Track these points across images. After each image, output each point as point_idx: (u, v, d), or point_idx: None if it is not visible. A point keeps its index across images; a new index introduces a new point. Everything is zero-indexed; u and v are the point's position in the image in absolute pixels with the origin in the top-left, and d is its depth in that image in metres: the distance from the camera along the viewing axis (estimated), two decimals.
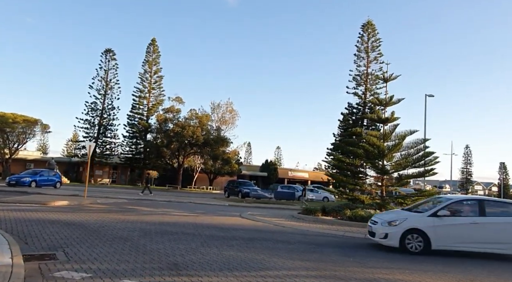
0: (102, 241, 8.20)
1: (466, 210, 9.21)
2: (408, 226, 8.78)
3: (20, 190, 23.47)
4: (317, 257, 7.92)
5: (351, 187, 18.36)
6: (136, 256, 6.92)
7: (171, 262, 6.62)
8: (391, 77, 16.96)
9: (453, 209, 9.18)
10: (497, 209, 9.32)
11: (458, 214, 9.08)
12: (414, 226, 8.76)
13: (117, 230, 9.83)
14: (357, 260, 7.88)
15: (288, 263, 7.10)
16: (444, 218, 8.79)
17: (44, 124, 44.06)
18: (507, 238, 8.55)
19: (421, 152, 15.56)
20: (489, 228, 8.67)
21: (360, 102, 45.56)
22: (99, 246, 7.64)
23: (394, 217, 9.36)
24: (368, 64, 45.13)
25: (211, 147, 47.34)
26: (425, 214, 9.11)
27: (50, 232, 9.04)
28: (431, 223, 8.75)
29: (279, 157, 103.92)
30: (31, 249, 7.15)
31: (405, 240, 8.71)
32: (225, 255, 7.48)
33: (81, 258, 6.55)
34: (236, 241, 9.31)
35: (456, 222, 8.83)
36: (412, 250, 8.68)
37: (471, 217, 8.88)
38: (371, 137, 16.30)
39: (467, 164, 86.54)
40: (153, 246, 7.94)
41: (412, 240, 8.72)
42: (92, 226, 10.31)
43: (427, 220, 8.84)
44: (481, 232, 8.61)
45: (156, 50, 53.69)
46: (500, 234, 8.60)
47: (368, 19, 45.76)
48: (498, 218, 8.94)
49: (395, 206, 15.79)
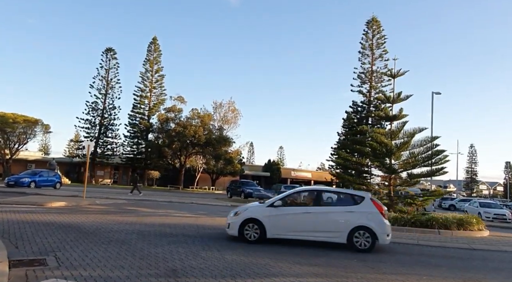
0: (97, 245, 7.75)
1: (303, 200, 9.52)
2: (247, 216, 9.01)
3: (19, 190, 23.07)
4: (325, 261, 7.42)
5: (357, 187, 17.82)
6: (132, 261, 6.47)
7: (169, 267, 6.16)
8: (399, 73, 16.40)
9: (291, 199, 9.40)
10: (333, 199, 9.50)
11: (295, 204, 9.29)
12: (252, 216, 8.97)
13: (114, 233, 9.37)
14: (368, 264, 7.37)
15: (295, 268, 6.61)
16: (280, 208, 8.97)
17: (44, 124, 43.71)
18: (337, 226, 8.64)
19: (431, 150, 15.00)
20: (321, 217, 8.77)
21: (364, 101, 44.90)
22: (93, 250, 7.20)
23: (240, 208, 9.60)
24: (373, 62, 44.44)
25: (213, 147, 46.86)
26: (264, 204, 9.29)
27: (43, 234, 8.61)
28: (267, 213, 8.95)
29: (282, 157, 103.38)
30: (20, 253, 6.73)
31: (244, 229, 8.93)
32: (228, 260, 7.01)
33: (72, 264, 6.10)
34: (239, 244, 8.81)
35: (290, 211, 8.98)
36: (250, 239, 8.87)
37: (305, 206, 9.14)
38: (379, 135, 15.76)
39: (472, 163, 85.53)
40: (151, 250, 7.48)
41: (250, 229, 8.93)
42: (88, 228, 9.86)
43: (265, 210, 9.04)
44: (313, 221, 8.75)
45: (157, 49, 53.26)
46: (331, 223, 8.71)
47: (373, 16, 45.06)
48: (330, 208, 9.05)
49: (404, 206, 15.26)
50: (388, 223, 8.78)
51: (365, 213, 8.61)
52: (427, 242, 10.87)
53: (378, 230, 8.45)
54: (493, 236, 13.39)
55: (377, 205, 8.78)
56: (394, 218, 13.26)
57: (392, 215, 13.59)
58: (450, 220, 12.92)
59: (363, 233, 8.47)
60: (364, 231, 8.46)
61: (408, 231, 12.48)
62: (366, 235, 8.46)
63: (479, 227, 13.27)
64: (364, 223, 8.47)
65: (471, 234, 12.69)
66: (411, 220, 13.01)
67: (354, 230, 8.48)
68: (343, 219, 8.64)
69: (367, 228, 8.45)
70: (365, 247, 8.43)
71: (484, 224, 14.03)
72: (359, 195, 9.10)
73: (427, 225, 12.70)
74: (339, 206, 9.04)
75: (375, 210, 8.64)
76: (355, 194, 9.23)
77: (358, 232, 8.48)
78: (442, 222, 12.74)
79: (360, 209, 8.69)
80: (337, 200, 9.37)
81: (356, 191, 10.38)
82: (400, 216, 13.35)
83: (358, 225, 8.48)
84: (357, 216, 8.58)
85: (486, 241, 11.82)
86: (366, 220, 8.51)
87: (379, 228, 8.48)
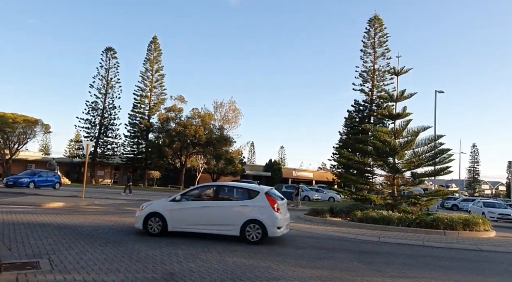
0: (93, 247, 7.52)
1: (203, 195, 9.79)
2: (150, 210, 9.28)
3: (17, 191, 22.86)
4: (330, 264, 7.15)
5: (360, 186, 17.57)
6: (129, 264, 6.23)
7: (167, 270, 5.92)
8: (403, 71, 16.10)
9: (192, 194, 9.74)
10: (231, 193, 9.74)
11: (195, 199, 9.55)
12: (155, 210, 9.25)
13: (112, 234, 9.15)
14: (374, 267, 7.10)
15: (298, 271, 6.35)
16: (181, 202, 9.30)
17: (44, 124, 43.37)
18: (232, 220, 8.86)
19: (436, 149, 14.69)
20: (218, 211, 9.02)
21: (367, 99, 44.45)
22: (89, 252, 6.97)
23: (146, 203, 9.86)
24: (375, 60, 44.00)
25: (214, 146, 46.55)
26: (168, 199, 9.66)
27: (39, 236, 8.39)
28: (169, 207, 9.25)
29: (283, 157, 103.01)
30: (13, 256, 6.51)
31: (148, 223, 9.17)
32: (228, 262, 6.75)
33: (66, 267, 5.87)
34: (240, 246, 8.55)
35: (189, 206, 9.26)
36: (152, 232, 9.11)
37: (203, 201, 9.42)
38: (382, 134, 15.47)
39: (474, 162, 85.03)
40: (148, 252, 7.24)
41: (153, 223, 9.17)
42: (85, 230, 9.63)
43: (167, 205, 9.35)
44: (210, 215, 9.00)
45: (157, 48, 52.95)
46: (226, 216, 8.95)
47: (375, 14, 44.59)
48: (226, 202, 9.31)
49: (408, 206, 14.96)
50: (280, 217, 8.89)
51: (257, 207, 8.83)
52: (433, 243, 10.59)
53: (268, 223, 8.67)
54: (500, 236, 13.10)
55: (270, 200, 8.95)
56: (398, 218, 12.98)
57: (396, 215, 13.31)
58: (455, 220, 12.62)
59: (254, 226, 8.72)
60: (256, 224, 8.71)
61: (413, 232, 12.20)
62: (257, 228, 8.70)
63: (485, 228, 12.97)
64: (256, 216, 8.72)
65: (477, 235, 12.41)
66: (416, 220, 12.72)
67: (246, 223, 8.72)
68: (237, 213, 8.89)
69: (258, 221, 8.70)
70: (256, 239, 8.68)
71: (490, 224, 13.73)
72: (254, 190, 9.30)
73: (432, 226, 12.41)
74: (235, 200, 9.37)
75: (267, 204, 8.83)
76: (251, 189, 9.41)
77: (250, 225, 8.73)
78: (447, 222, 12.45)
79: (254, 203, 8.92)
80: (235, 195, 9.65)
81: (253, 185, 10.53)
82: (404, 216, 13.06)
83: (250, 218, 8.74)
84: (250, 210, 8.84)
85: (493, 242, 11.53)
86: (258, 214, 8.75)
87: (269, 221, 8.69)
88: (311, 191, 37.65)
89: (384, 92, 18.78)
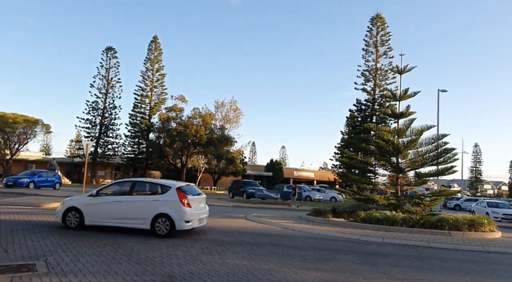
0: (91, 248, 7.35)
1: (120, 190, 9.92)
2: (69, 205, 9.61)
3: (17, 191, 22.73)
4: (334, 266, 6.96)
5: (362, 186, 17.34)
6: (127, 266, 6.06)
7: (166, 273, 5.74)
8: (406, 69, 15.85)
9: (110, 190, 10.05)
10: (145, 189, 9.97)
11: (112, 194, 9.81)
12: (73, 205, 9.58)
13: (110, 235, 8.96)
14: (379, 269, 6.90)
15: (301, 274, 6.16)
16: (98, 197, 9.63)
17: (45, 124, 43.31)
18: (143, 214, 9.14)
19: (440, 149, 14.46)
20: (131, 206, 9.32)
21: (369, 99, 44.15)
22: (87, 254, 6.80)
23: (67, 198, 10.17)
24: (377, 59, 43.69)
25: (215, 146, 46.35)
26: (86, 194, 10.06)
27: (36, 237, 8.23)
28: (86, 202, 9.59)
29: (284, 157, 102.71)
30: (9, 258, 6.35)
31: (66, 217, 9.51)
32: (229, 264, 6.57)
33: (63, 270, 5.70)
34: (242, 247, 8.38)
35: (105, 200, 9.57)
36: (71, 225, 9.44)
37: (118, 196, 9.60)
38: (385, 133, 15.25)
39: (477, 162, 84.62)
40: (148, 254, 7.06)
41: (71, 217, 9.50)
42: (83, 231, 9.44)
43: (85, 199, 9.70)
44: (123, 209, 9.29)
45: (158, 47, 52.76)
46: (138, 211, 9.24)
47: (377, 12, 44.25)
48: (139, 197, 9.59)
49: (412, 206, 14.74)
50: (189, 211, 9.15)
51: (167, 201, 9.13)
52: (439, 244, 10.39)
53: (176, 216, 8.97)
54: (506, 237, 12.87)
55: (180, 195, 9.19)
56: (402, 218, 12.76)
57: (400, 215, 13.09)
58: (460, 220, 12.40)
59: (163, 220, 9.02)
60: (164, 218, 9.01)
61: (418, 233, 11.99)
62: (165, 221, 9.01)
63: (490, 228, 12.74)
64: (165, 210, 9.02)
65: (483, 235, 12.19)
66: (420, 221, 12.50)
67: (156, 217, 9.03)
68: (148, 207, 9.18)
69: (167, 215, 9.00)
70: (164, 232, 8.97)
71: (496, 225, 13.50)
72: (166, 185, 9.53)
73: (437, 226, 12.18)
74: (148, 195, 9.63)
75: (177, 198, 9.11)
76: (164, 184, 9.66)
77: (160, 219, 9.03)
78: (452, 222, 12.22)
79: (164, 197, 9.22)
80: (148, 190, 9.90)
81: (166, 181, 10.57)
82: (408, 217, 12.83)
83: (160, 212, 9.04)
84: (160, 204, 9.13)
85: (499, 243, 11.32)
86: (167, 208, 9.05)
87: (177, 215, 8.99)
88: (312, 191, 37.40)
89: (387, 91, 18.54)
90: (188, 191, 9.58)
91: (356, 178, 16.82)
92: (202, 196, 10.27)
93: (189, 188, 9.89)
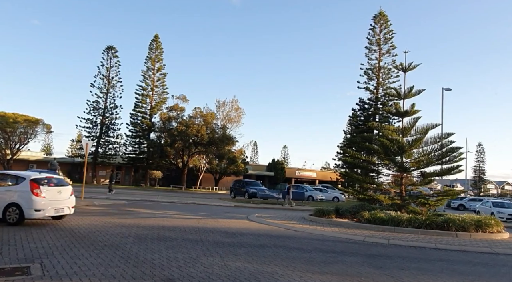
0: (89, 250, 7.13)
1: None
2: None
3: None
4: (339, 269, 6.71)
5: (366, 186, 17.05)
6: (125, 269, 5.83)
7: (165, 276, 5.51)
8: (411, 67, 15.56)
9: None
10: (4, 180, 10.26)
11: None
12: None
13: (109, 236, 8.74)
14: (387, 273, 6.64)
15: (306, 278, 5.91)
16: None
17: (46, 124, 43.27)
18: None
19: (445, 148, 14.17)
20: None
21: (372, 97, 43.71)
22: (84, 256, 6.58)
23: None
24: (380, 58, 43.25)
25: (217, 146, 46.14)
26: None
27: (33, 239, 8.01)
28: None
29: (286, 156, 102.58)
30: (3, 260, 6.15)
31: None
32: (231, 267, 6.33)
33: (58, 273, 5.48)
34: (244, 249, 8.14)
35: None
36: None
37: None
38: (389, 132, 14.96)
39: (480, 162, 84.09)
40: (147, 256, 6.83)
41: None
42: (82, 232, 9.25)
43: None
44: None
45: (159, 46, 52.53)
46: None
47: (380, 10, 43.74)
48: None
49: (417, 206, 14.46)
50: (40, 200, 9.63)
51: (19, 191, 9.67)
52: (446, 245, 10.11)
53: (25, 206, 9.51)
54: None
55: (33, 185, 9.70)
56: (407, 219, 12.48)
57: (405, 216, 12.80)
58: (467, 221, 12.11)
59: (14, 209, 9.56)
60: (15, 207, 9.55)
61: (424, 233, 11.71)
62: (15, 210, 9.55)
63: (498, 229, 12.45)
64: (16, 200, 9.58)
65: (491, 236, 11.90)
66: (426, 221, 12.21)
67: (8, 207, 9.57)
68: (1, 197, 9.64)
69: (17, 205, 9.55)
70: (15, 220, 9.55)
71: (503, 225, 13.21)
72: (21, 177, 10.03)
73: (443, 227, 11.90)
74: (4, 186, 10.03)
75: (28, 189, 9.62)
76: (19, 176, 10.14)
77: (10, 208, 9.57)
78: (459, 223, 11.93)
79: (17, 188, 9.76)
80: (9, 182, 10.20)
81: (21, 172, 11.21)
82: (414, 217, 12.55)
83: (11, 202, 9.58)
84: (12, 194, 9.67)
85: (508, 244, 11.03)
86: (18, 198, 9.59)
87: (26, 204, 9.52)
88: (315, 190, 37.11)
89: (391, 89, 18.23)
90: (44, 182, 10.07)
91: (360, 178, 16.54)
92: (64, 187, 10.74)
93: (48, 180, 10.38)
